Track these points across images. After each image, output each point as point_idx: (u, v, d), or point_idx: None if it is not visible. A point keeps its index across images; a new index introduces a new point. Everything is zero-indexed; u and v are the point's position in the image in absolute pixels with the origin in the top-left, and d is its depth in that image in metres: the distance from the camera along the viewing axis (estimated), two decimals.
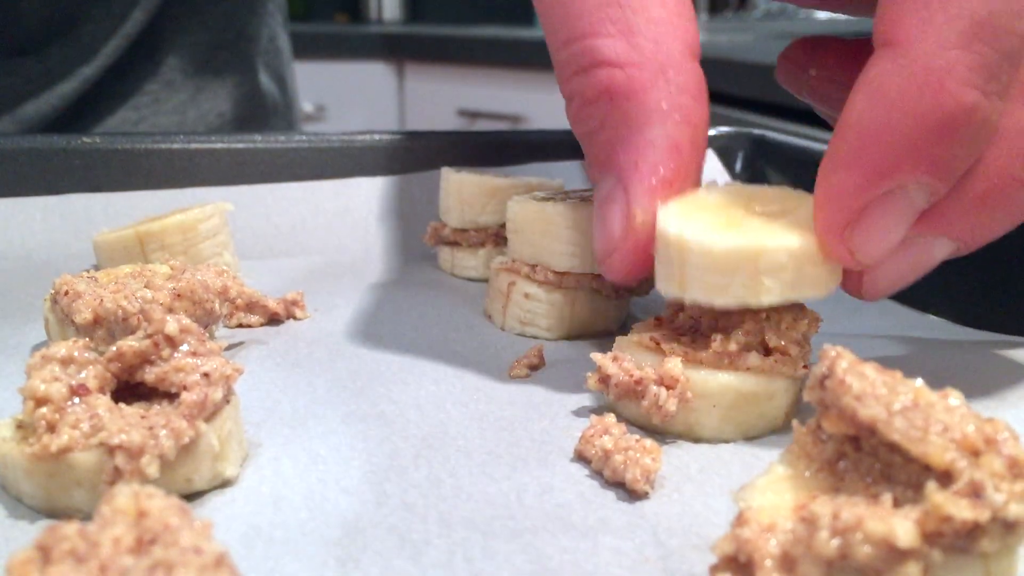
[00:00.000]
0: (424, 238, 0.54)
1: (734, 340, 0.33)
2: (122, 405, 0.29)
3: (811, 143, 0.62)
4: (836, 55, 0.41)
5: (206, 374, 0.29)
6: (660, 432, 0.34)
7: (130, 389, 0.30)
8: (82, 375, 0.29)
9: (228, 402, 0.30)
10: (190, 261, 0.45)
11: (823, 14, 2.11)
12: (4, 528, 0.27)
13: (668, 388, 0.32)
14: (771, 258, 0.31)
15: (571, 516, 0.28)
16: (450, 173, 0.52)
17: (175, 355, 0.29)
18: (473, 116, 2.41)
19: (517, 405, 0.36)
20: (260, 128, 0.82)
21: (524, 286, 0.43)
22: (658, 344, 0.34)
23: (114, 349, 0.29)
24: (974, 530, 0.21)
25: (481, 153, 0.60)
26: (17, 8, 0.66)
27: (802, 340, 0.34)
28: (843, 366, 0.24)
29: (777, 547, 0.22)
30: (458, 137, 0.62)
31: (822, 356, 0.25)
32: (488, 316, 0.46)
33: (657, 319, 0.37)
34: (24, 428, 0.28)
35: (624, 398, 0.33)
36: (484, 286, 0.49)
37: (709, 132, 0.48)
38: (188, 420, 0.28)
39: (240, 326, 0.44)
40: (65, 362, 0.29)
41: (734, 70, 1.43)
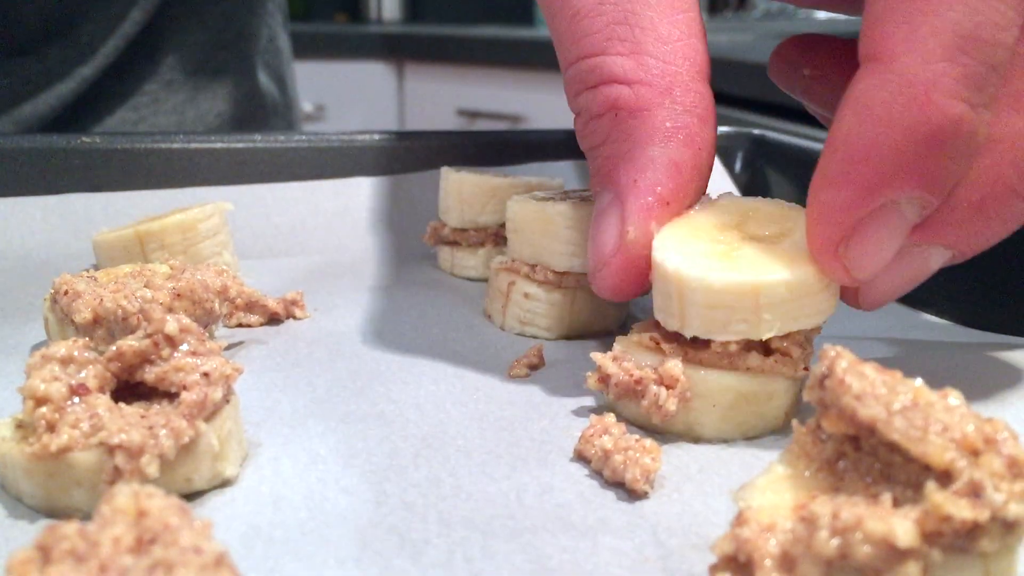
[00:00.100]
0: (424, 238, 0.54)
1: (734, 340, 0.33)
2: (122, 405, 0.28)
3: (811, 143, 0.62)
4: (830, 55, 0.41)
5: (206, 374, 0.29)
6: (660, 432, 0.34)
7: (130, 389, 0.30)
8: (82, 375, 0.29)
9: (228, 402, 0.30)
10: (190, 261, 0.45)
11: (822, 14, 2.11)
12: (4, 528, 0.27)
13: (668, 388, 0.32)
14: (771, 292, 0.31)
15: (571, 516, 0.28)
16: (450, 173, 0.52)
17: (175, 355, 0.29)
18: (473, 116, 2.41)
19: (517, 405, 0.36)
20: (260, 128, 0.82)
21: (524, 286, 0.43)
22: (658, 344, 0.34)
23: (114, 349, 0.29)
24: (974, 530, 0.21)
25: (481, 153, 0.60)
26: (16, 8, 0.65)
27: (804, 342, 0.34)
28: (843, 366, 0.24)
29: (777, 547, 0.22)
30: (458, 137, 0.62)
31: (822, 356, 0.25)
32: (488, 316, 0.46)
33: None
34: (24, 428, 0.28)
35: (624, 398, 0.33)
36: (484, 286, 0.49)
37: None
38: (188, 420, 0.28)
39: (240, 326, 0.44)
40: (65, 362, 0.29)
41: (734, 70, 1.43)
